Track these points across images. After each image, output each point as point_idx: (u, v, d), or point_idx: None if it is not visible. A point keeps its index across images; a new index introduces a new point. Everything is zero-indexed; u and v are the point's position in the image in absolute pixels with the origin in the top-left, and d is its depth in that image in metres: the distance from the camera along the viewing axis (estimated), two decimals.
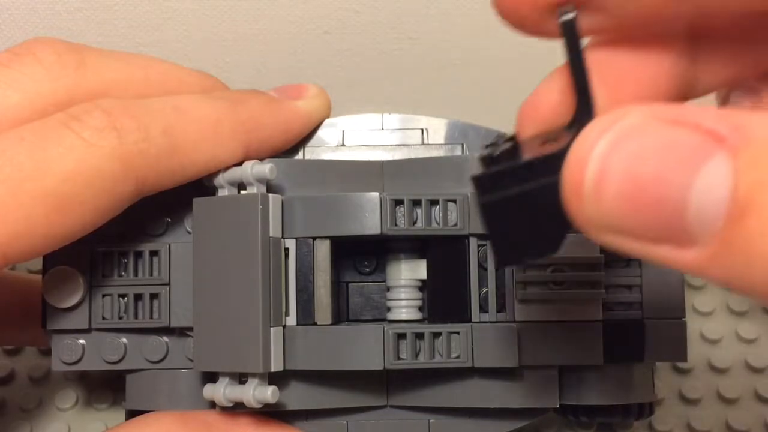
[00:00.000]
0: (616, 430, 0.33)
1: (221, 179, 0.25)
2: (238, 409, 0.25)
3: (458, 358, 0.25)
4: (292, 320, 0.26)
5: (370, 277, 0.28)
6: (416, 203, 0.25)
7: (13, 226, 0.22)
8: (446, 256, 0.26)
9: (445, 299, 0.26)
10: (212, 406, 0.26)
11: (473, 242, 0.26)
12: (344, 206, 0.25)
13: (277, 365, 0.25)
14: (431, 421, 0.27)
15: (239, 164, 0.25)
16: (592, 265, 0.25)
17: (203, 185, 0.26)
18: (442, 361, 0.25)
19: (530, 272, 0.25)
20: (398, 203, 0.25)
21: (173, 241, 0.27)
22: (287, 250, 0.26)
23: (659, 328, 0.27)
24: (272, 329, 0.25)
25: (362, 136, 0.28)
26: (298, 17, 0.38)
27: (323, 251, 0.26)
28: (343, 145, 0.28)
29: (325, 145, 0.28)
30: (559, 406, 0.27)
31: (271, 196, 0.25)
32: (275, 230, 0.25)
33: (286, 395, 0.25)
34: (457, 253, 0.26)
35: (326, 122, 0.28)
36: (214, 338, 0.25)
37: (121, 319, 0.27)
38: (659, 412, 0.33)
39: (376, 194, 0.25)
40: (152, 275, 0.27)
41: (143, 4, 0.37)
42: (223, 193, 0.25)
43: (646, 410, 0.28)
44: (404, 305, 0.27)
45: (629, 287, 0.27)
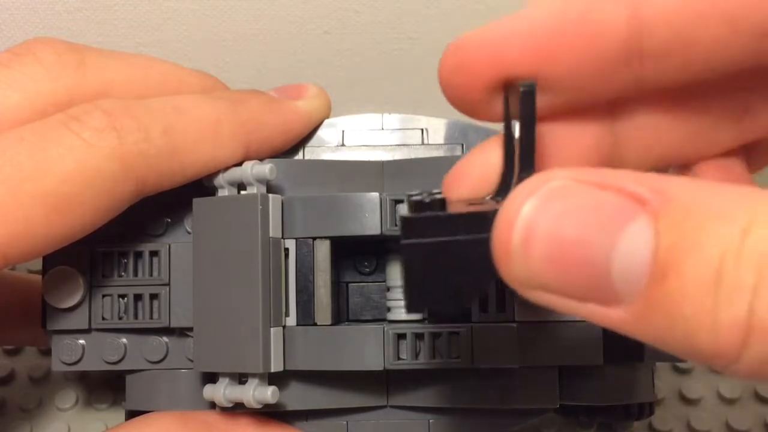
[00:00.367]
0: (616, 430, 0.33)
1: (221, 179, 0.25)
2: (238, 409, 0.25)
3: (458, 358, 0.25)
4: (292, 320, 0.26)
5: (370, 277, 0.28)
6: None
7: (13, 226, 0.22)
8: None
9: None
10: (212, 406, 0.26)
11: None
12: (344, 206, 0.25)
13: (277, 365, 0.25)
14: (431, 421, 0.27)
15: (239, 164, 0.25)
16: None
17: (203, 185, 0.26)
18: (442, 361, 0.25)
19: None
20: (398, 203, 0.25)
21: (173, 241, 0.27)
22: (287, 250, 0.26)
23: None
24: (272, 329, 0.25)
25: (362, 136, 0.28)
26: (298, 17, 0.37)
27: (323, 251, 0.26)
28: (343, 145, 0.28)
29: (325, 145, 0.28)
30: (559, 406, 0.26)
31: (271, 196, 0.25)
32: (275, 230, 0.25)
33: (286, 395, 0.25)
34: None
35: (326, 122, 0.28)
36: (214, 338, 0.25)
37: (121, 319, 0.27)
38: (659, 412, 0.33)
39: (376, 194, 0.25)
40: (152, 275, 0.27)
41: (143, 4, 0.37)
42: (223, 193, 0.25)
43: (646, 410, 0.28)
44: (404, 305, 0.27)
45: None
